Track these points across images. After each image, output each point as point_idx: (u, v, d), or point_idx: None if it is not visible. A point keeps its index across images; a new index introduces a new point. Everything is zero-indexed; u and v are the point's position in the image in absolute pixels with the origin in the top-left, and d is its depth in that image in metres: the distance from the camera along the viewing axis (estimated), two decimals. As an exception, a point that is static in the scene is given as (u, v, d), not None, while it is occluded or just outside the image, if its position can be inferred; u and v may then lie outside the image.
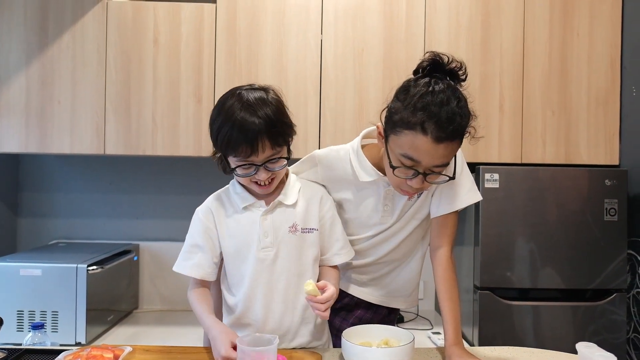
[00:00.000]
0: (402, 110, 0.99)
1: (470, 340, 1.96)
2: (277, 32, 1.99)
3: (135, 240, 2.30)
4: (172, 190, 2.33)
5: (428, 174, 1.02)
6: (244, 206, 1.15)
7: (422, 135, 0.96)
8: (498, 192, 1.87)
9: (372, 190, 1.18)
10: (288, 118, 1.12)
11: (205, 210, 1.18)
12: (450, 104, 0.96)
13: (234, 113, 1.04)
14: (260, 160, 1.06)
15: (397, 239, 1.25)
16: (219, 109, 1.08)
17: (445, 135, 0.96)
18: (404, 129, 0.98)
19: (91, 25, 1.97)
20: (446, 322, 1.13)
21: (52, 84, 1.97)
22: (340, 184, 1.21)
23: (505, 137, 2.01)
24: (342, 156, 1.19)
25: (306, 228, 1.16)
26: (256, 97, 1.07)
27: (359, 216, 1.23)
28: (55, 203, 2.32)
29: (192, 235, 1.18)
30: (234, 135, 1.03)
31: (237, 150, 1.04)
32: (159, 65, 1.98)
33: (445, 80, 1.01)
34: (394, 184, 1.08)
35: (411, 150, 0.99)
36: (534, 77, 2.01)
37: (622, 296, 1.89)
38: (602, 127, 2.02)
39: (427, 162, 0.99)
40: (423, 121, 0.96)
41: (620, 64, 2.03)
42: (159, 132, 1.98)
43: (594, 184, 1.89)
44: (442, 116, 0.95)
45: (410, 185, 1.04)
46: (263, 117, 1.04)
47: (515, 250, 1.88)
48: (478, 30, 2.01)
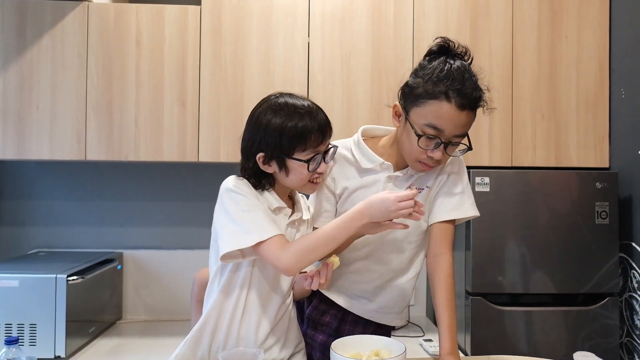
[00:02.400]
0: (424, 83, 1.05)
1: (463, 346, 1.92)
2: (264, 34, 1.95)
3: (119, 248, 2.24)
4: (156, 197, 2.27)
5: (448, 145, 1.06)
6: (275, 207, 1.08)
7: (447, 103, 1.02)
8: (489, 196, 1.85)
9: (373, 178, 1.18)
10: None
11: (247, 185, 1.07)
12: (468, 75, 1.04)
13: (297, 107, 1.04)
14: (323, 150, 1.07)
15: (393, 240, 1.21)
16: (274, 109, 1.05)
17: (467, 102, 1.03)
18: (428, 99, 1.04)
19: (71, 27, 1.91)
20: (443, 331, 1.11)
21: (31, 88, 1.90)
22: (345, 174, 1.20)
23: (495, 141, 1.99)
24: (344, 149, 1.20)
25: None
26: (303, 102, 1.08)
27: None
28: (36, 211, 2.24)
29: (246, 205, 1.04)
30: (307, 125, 1.02)
31: (310, 138, 1.03)
32: (141, 69, 1.93)
33: (457, 59, 1.08)
34: (413, 157, 1.10)
35: (436, 118, 1.03)
36: (523, 81, 2.00)
37: (614, 300, 1.87)
38: (592, 129, 2.01)
39: (450, 130, 1.05)
40: (447, 90, 1.02)
41: (608, 66, 2.02)
42: (142, 137, 1.93)
43: (584, 187, 1.87)
44: (465, 85, 1.03)
45: (431, 157, 1.07)
46: (320, 113, 1.07)
47: (506, 254, 1.86)
48: (467, 34, 1.99)
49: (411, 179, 1.19)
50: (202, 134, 1.93)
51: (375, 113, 1.97)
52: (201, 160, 1.94)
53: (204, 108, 1.94)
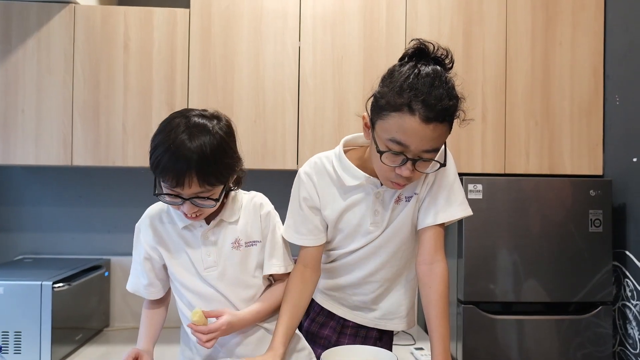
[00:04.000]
0: (388, 93, 0.95)
1: (454, 355, 1.90)
2: (254, 38, 1.92)
3: (106, 255, 2.20)
4: (144, 203, 2.21)
5: (417, 161, 0.96)
6: (183, 226, 1.10)
7: (410, 116, 0.92)
8: (481, 203, 1.82)
9: (360, 196, 1.11)
10: (231, 157, 1.04)
11: (145, 230, 1.14)
12: (437, 84, 0.93)
13: (170, 137, 0.98)
14: (187, 194, 1.00)
15: (388, 250, 1.16)
16: (161, 128, 1.03)
17: (433, 114, 0.92)
18: (391, 112, 0.94)
19: (57, 30, 1.87)
20: (436, 341, 1.05)
21: (16, 92, 1.87)
22: (329, 193, 1.13)
23: (488, 148, 1.97)
24: (326, 164, 1.14)
25: (249, 241, 1.13)
26: (200, 128, 0.99)
27: (347, 225, 1.14)
28: (22, 217, 2.20)
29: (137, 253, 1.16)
30: (163, 160, 0.97)
31: (165, 177, 0.99)
32: (129, 73, 1.90)
33: (431, 64, 0.97)
34: (382, 175, 1.02)
35: (399, 133, 0.94)
36: (517, 87, 1.97)
37: (607, 309, 1.85)
38: (586, 137, 1.99)
39: (415, 145, 0.94)
40: (410, 101, 0.92)
41: (603, 72, 2.00)
42: (129, 142, 1.89)
43: (578, 195, 1.85)
44: (430, 95, 0.91)
45: (399, 175, 0.98)
46: (197, 152, 0.97)
47: (498, 262, 1.83)
48: (460, 39, 1.97)
49: (398, 191, 1.12)
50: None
51: (367, 119, 1.95)
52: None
53: (193, 113, 1.90)
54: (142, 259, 1.12)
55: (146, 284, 1.14)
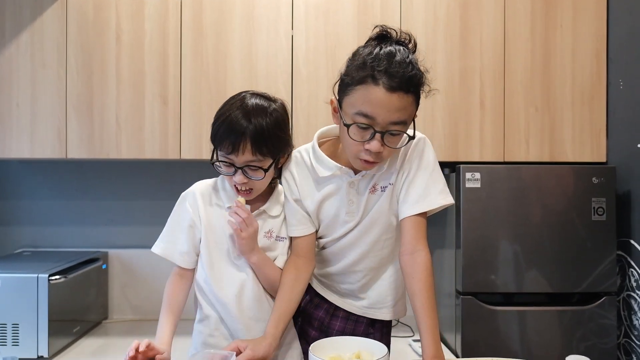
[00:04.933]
0: (352, 70, 0.97)
1: (453, 347, 1.87)
2: (246, 27, 1.90)
3: (104, 247, 2.21)
4: (140, 195, 2.23)
5: (385, 134, 0.96)
6: (229, 206, 1.13)
7: (374, 86, 0.93)
8: (480, 192, 1.78)
9: (334, 186, 1.12)
10: (284, 133, 1.11)
11: (192, 200, 1.16)
12: (398, 57, 0.94)
13: (231, 109, 1.07)
14: (240, 162, 1.06)
15: (367, 240, 1.16)
16: (224, 104, 1.12)
17: (397, 83, 0.93)
18: (356, 86, 0.95)
19: (50, 23, 1.87)
20: (425, 332, 1.03)
21: (10, 86, 1.87)
22: (307, 184, 1.15)
23: (486, 135, 1.92)
24: (304, 156, 1.15)
25: (280, 236, 1.17)
26: (258, 103, 1.09)
27: (326, 216, 1.15)
28: (21, 210, 2.22)
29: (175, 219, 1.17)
30: (222, 129, 1.06)
31: (222, 144, 1.07)
32: (122, 65, 1.89)
33: (393, 45, 0.98)
34: (352, 154, 1.02)
35: (365, 104, 0.94)
36: (516, 72, 1.92)
37: (611, 299, 1.80)
38: (588, 123, 1.93)
39: (382, 117, 0.95)
40: (373, 72, 0.93)
41: (606, 56, 1.94)
42: (123, 135, 1.89)
43: (580, 183, 1.80)
44: (392, 65, 0.93)
45: (369, 150, 0.97)
46: (254, 122, 1.05)
47: (498, 252, 1.79)
48: (457, 24, 1.92)
49: (372, 179, 1.12)
50: (184, 131, 1.89)
51: (362, 107, 1.91)
52: (183, 158, 1.90)
53: (185, 105, 1.89)
54: (187, 226, 1.14)
55: (184, 251, 1.14)
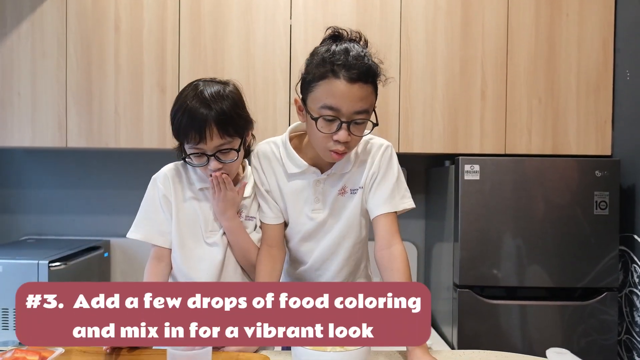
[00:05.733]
0: (312, 68, 1.03)
1: (450, 340, 1.86)
2: (244, 17, 1.89)
3: (106, 236, 2.23)
4: (141, 184, 2.22)
5: (351, 123, 1.01)
6: (200, 187, 1.16)
7: (335, 79, 0.99)
8: (478, 185, 1.75)
9: (301, 182, 1.15)
10: (244, 111, 1.13)
11: (163, 178, 1.18)
12: (353, 51, 1.01)
13: (187, 101, 1.07)
14: (211, 149, 1.07)
15: (333, 237, 1.16)
16: (177, 98, 1.12)
17: (356, 74, 0.98)
18: (318, 81, 1.01)
19: (50, 13, 1.88)
20: None
21: (11, 75, 1.89)
22: (274, 175, 1.17)
23: (487, 127, 1.88)
24: (273, 149, 1.18)
25: (249, 216, 1.19)
26: (212, 89, 1.09)
27: (293, 210, 1.16)
28: (25, 199, 2.26)
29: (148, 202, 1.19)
30: (183, 122, 1.06)
31: (188, 137, 1.07)
32: (121, 54, 1.89)
33: (346, 43, 1.04)
34: (321, 147, 1.06)
35: (329, 98, 1.00)
36: (519, 62, 1.88)
37: (613, 295, 1.77)
38: (593, 114, 1.89)
39: (346, 107, 1.00)
40: (333, 67, 0.99)
41: (613, 46, 1.88)
42: (121, 124, 1.90)
43: (582, 176, 1.76)
44: (350, 59, 0.99)
45: (337, 140, 1.02)
46: (214, 107, 1.06)
47: (497, 246, 1.77)
48: (458, 12, 1.88)
49: (341, 181, 1.14)
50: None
51: (360, 98, 1.89)
52: (182, 148, 1.90)
53: (183, 94, 1.89)
54: (162, 204, 1.16)
55: (164, 230, 1.16)
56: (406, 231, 2.27)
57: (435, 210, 2.11)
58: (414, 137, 1.89)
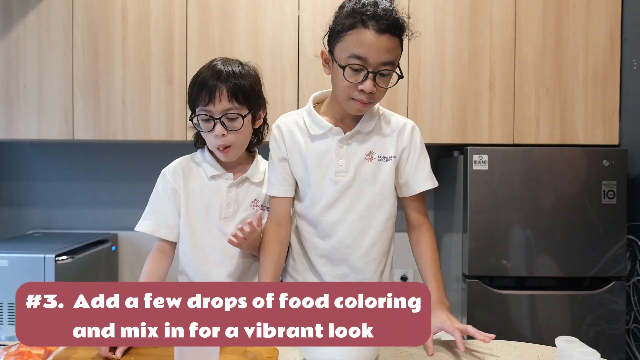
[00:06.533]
0: (341, 19, 1.04)
1: (459, 331, 1.86)
2: (252, 6, 1.88)
3: (114, 229, 2.23)
4: (148, 177, 2.21)
5: (377, 74, 1.03)
6: (211, 175, 1.17)
7: (364, 29, 1.01)
8: (487, 175, 1.76)
9: (325, 144, 1.14)
10: (257, 86, 1.17)
11: (173, 172, 1.19)
12: (383, 3, 1.03)
13: (202, 72, 1.13)
14: (218, 111, 1.09)
15: (363, 207, 1.13)
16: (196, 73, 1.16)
17: (385, 25, 1.00)
18: (347, 31, 1.03)
19: (57, 3, 1.87)
20: (429, 280, 1.12)
21: (18, 67, 1.88)
22: (296, 142, 1.15)
23: (495, 117, 1.89)
24: (296, 117, 1.18)
25: (265, 206, 1.21)
26: (227, 62, 1.14)
27: (315, 177, 1.13)
28: (32, 192, 2.24)
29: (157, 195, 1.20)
30: (196, 87, 1.11)
31: (198, 98, 1.10)
32: (128, 45, 1.88)
33: None
34: (344, 96, 1.07)
35: (357, 47, 1.02)
36: (527, 52, 1.88)
37: (621, 284, 1.77)
38: (601, 104, 1.89)
39: (374, 57, 1.02)
40: (362, 17, 1.01)
41: (620, 36, 1.89)
42: (129, 116, 1.89)
43: (590, 165, 1.76)
44: (378, 10, 1.01)
45: (363, 90, 1.04)
46: (227, 70, 1.11)
47: (507, 236, 1.77)
48: (466, 3, 1.88)
49: (366, 142, 1.13)
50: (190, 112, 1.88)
51: (369, 89, 1.89)
52: (190, 139, 1.88)
53: (191, 85, 1.88)
54: (170, 197, 1.16)
55: (171, 224, 1.16)
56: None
57: (444, 201, 2.11)
58: (423, 127, 1.89)
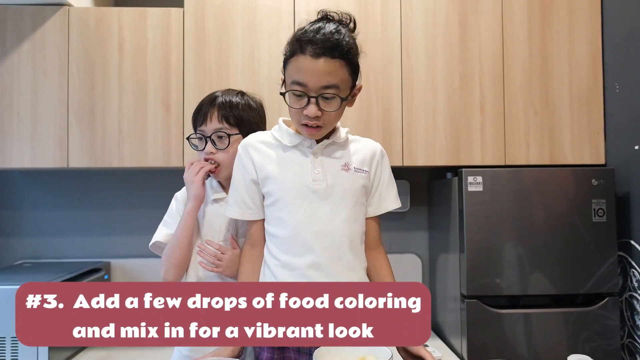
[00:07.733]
0: (286, 48, 1.09)
1: (459, 351, 1.87)
2: (249, 35, 1.92)
3: (106, 257, 2.19)
4: (142, 204, 2.22)
5: (318, 98, 1.04)
6: (214, 198, 1.29)
7: (302, 55, 1.03)
8: (482, 196, 1.80)
9: (300, 156, 1.13)
10: (254, 114, 1.26)
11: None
12: (325, 28, 1.04)
13: (203, 100, 1.28)
14: (209, 130, 1.21)
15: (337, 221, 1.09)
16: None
17: (321, 49, 1.01)
18: (289, 59, 1.07)
19: (52, 32, 1.87)
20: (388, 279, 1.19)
21: (11, 95, 1.87)
22: (267, 156, 1.12)
23: (487, 139, 1.94)
24: (261, 136, 1.18)
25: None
26: (226, 92, 1.27)
27: (291, 187, 1.09)
28: (21, 221, 2.20)
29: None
30: (195, 112, 1.26)
31: (196, 121, 1.25)
32: (124, 73, 1.89)
33: (328, 22, 1.09)
34: (297, 122, 1.10)
35: (297, 73, 1.04)
36: (515, 77, 1.95)
37: (614, 300, 1.81)
38: (586, 125, 1.97)
39: (313, 82, 1.03)
40: (301, 44, 1.04)
41: (602, 60, 1.98)
42: (125, 143, 1.88)
43: (580, 184, 1.82)
44: (317, 35, 1.03)
45: (307, 115, 1.05)
46: (223, 96, 1.25)
47: (502, 256, 1.80)
48: (456, 30, 1.95)
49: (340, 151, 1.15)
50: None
51: (364, 112, 1.93)
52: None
53: (188, 112, 1.87)
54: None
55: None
56: (410, 243, 2.29)
57: (438, 222, 2.14)
58: (417, 150, 1.93)
